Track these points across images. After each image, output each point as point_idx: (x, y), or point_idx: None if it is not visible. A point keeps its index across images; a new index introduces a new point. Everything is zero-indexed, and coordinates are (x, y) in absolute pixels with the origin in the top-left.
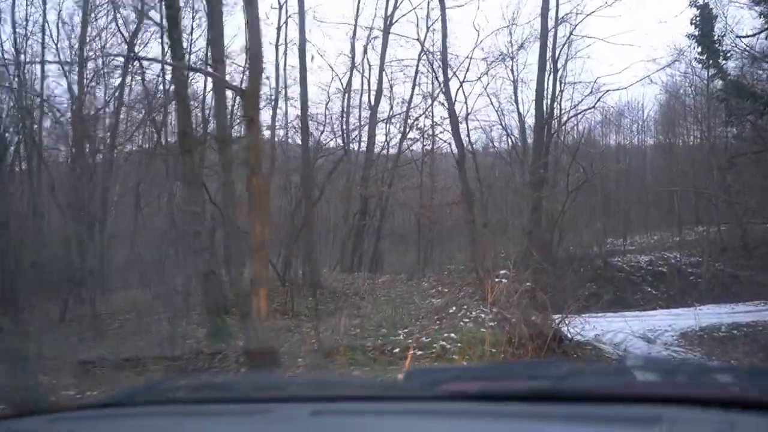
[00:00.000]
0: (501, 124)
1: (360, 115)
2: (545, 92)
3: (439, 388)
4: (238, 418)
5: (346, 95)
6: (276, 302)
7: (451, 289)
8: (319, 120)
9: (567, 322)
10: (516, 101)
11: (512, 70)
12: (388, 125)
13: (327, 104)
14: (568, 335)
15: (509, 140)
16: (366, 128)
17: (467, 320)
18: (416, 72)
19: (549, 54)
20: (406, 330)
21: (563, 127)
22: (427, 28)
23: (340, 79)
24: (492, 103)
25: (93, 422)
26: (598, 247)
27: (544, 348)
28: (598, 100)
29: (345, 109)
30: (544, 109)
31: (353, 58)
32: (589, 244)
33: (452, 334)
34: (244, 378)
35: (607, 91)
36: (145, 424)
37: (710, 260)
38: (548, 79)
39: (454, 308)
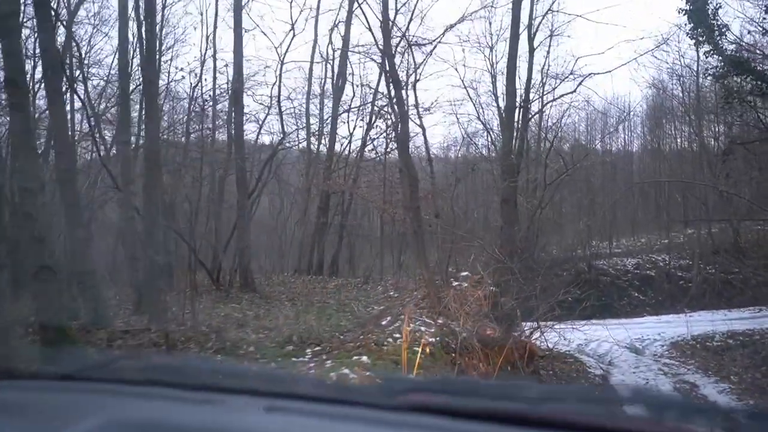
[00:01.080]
0: (479, 118)
1: (322, 105)
2: (518, 71)
3: (399, 397)
4: (189, 406)
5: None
6: (189, 310)
7: (402, 294)
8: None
9: (541, 332)
10: (495, 94)
11: (491, 62)
12: (349, 116)
13: (273, 86)
14: (544, 347)
15: (489, 136)
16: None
17: (399, 336)
18: (383, 58)
19: (525, 31)
20: (318, 348)
21: (543, 114)
22: (396, 10)
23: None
24: (469, 96)
25: (40, 393)
26: (582, 249)
27: (506, 367)
28: (580, 83)
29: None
30: (520, 93)
31: (315, 41)
32: (573, 246)
33: (363, 357)
34: (200, 363)
35: (590, 74)
36: (92, 400)
37: (701, 263)
38: (528, 65)
39: (388, 319)
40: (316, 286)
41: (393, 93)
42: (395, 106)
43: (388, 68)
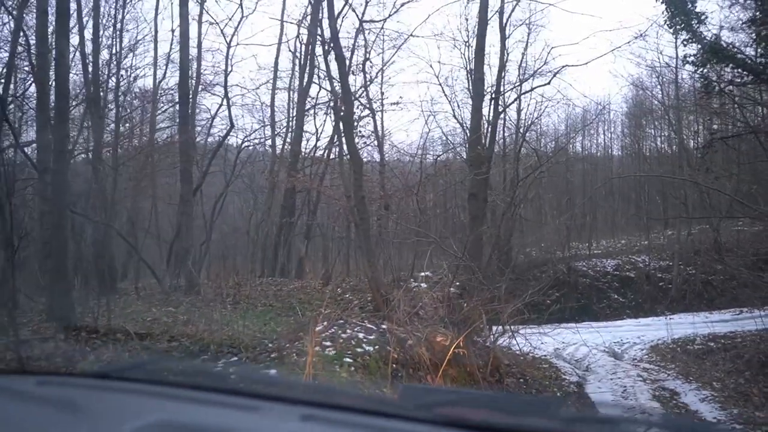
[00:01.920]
0: (454, 116)
1: (289, 99)
2: (488, 58)
3: (436, 410)
4: (227, 410)
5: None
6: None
7: (355, 297)
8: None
9: (513, 336)
10: (471, 91)
11: (467, 58)
12: (315, 111)
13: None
14: (518, 353)
15: (465, 134)
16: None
17: (329, 344)
18: (352, 49)
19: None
20: (234, 358)
21: (520, 112)
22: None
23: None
24: (445, 93)
25: (80, 390)
26: (561, 250)
27: (464, 378)
28: (554, 75)
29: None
30: (491, 82)
31: (282, 31)
32: (552, 247)
33: (272, 371)
34: (237, 371)
35: (565, 65)
36: (133, 401)
37: (681, 264)
38: (500, 54)
39: (323, 324)
40: (272, 288)
41: (338, 71)
42: (337, 83)
43: (330, 40)
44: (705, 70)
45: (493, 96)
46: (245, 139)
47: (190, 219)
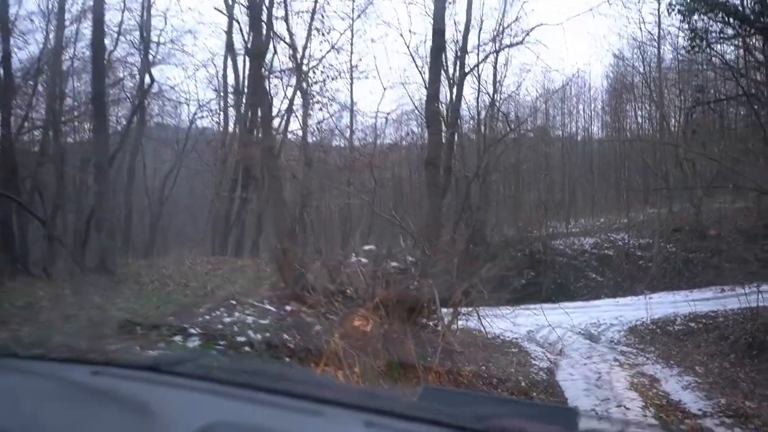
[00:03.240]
0: (425, 86)
1: (243, 64)
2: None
3: (490, 422)
4: (289, 413)
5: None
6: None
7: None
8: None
9: (474, 320)
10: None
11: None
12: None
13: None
14: (483, 336)
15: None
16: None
17: (197, 332)
18: (313, 11)
19: None
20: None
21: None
22: None
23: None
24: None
25: (135, 383)
26: (538, 229)
27: (396, 371)
28: (527, 33)
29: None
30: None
31: None
32: (529, 226)
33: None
34: (299, 373)
35: (540, 24)
36: (187, 397)
37: (661, 242)
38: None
39: (206, 307)
40: (208, 268)
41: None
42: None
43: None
44: (692, 21)
45: (459, 55)
46: (200, 107)
47: (106, 189)
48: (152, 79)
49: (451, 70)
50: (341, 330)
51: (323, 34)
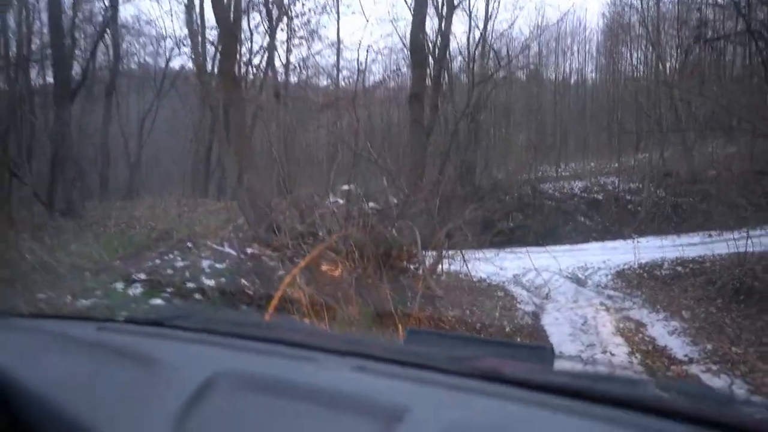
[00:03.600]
0: None
1: None
2: None
3: (469, 363)
4: (284, 361)
5: None
6: None
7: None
8: None
9: (466, 262)
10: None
11: None
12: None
13: None
14: (469, 279)
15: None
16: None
17: (142, 277)
18: None
19: None
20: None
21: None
22: None
23: None
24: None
25: (139, 338)
26: (528, 172)
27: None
28: None
29: None
30: None
31: None
32: (519, 169)
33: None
34: (292, 324)
35: None
36: (191, 350)
37: (651, 186)
38: None
39: (159, 251)
40: (179, 210)
41: None
42: None
43: None
44: None
45: None
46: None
47: (67, 127)
48: (115, 7)
49: (439, 2)
50: (308, 275)
51: None
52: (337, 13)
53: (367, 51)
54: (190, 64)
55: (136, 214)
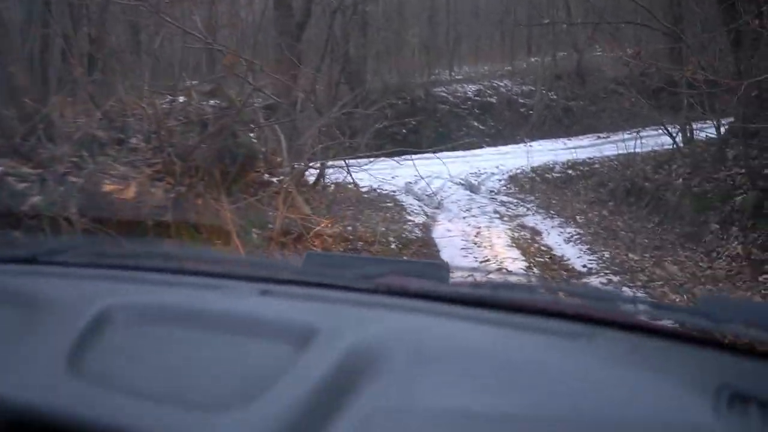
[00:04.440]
0: None
1: None
2: None
3: (376, 280)
4: (188, 290)
5: None
6: None
7: None
8: None
9: (341, 174)
10: None
11: None
12: None
13: None
14: (357, 189)
15: None
16: None
17: None
18: None
19: None
20: None
21: None
22: None
23: None
24: None
25: (8, 278)
26: (420, 75)
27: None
28: None
29: None
30: None
31: None
32: (411, 72)
33: None
34: (196, 251)
35: None
36: (77, 287)
37: (543, 89)
38: None
39: None
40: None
41: None
42: None
43: None
44: None
45: None
46: None
47: None
48: None
49: None
50: (84, 197)
51: None
52: None
53: None
54: None
55: None
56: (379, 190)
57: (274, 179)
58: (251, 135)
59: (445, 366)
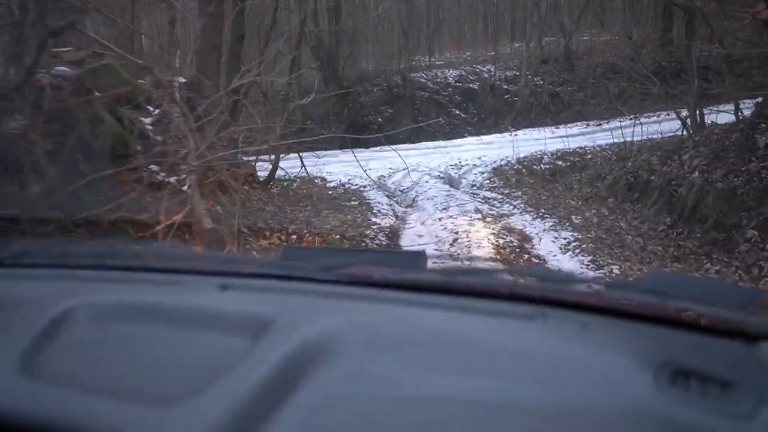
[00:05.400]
0: None
1: None
2: None
3: (338, 271)
4: (146, 286)
5: None
6: None
7: None
8: None
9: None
10: None
11: None
12: None
13: None
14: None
15: None
16: None
17: None
18: None
19: None
20: None
21: None
22: None
23: None
24: None
25: None
26: (398, 61)
27: None
28: None
29: None
30: None
31: None
32: (388, 57)
33: None
34: (150, 248)
35: None
36: (38, 289)
37: (528, 74)
38: None
39: None
40: None
41: None
42: None
43: None
44: None
45: None
46: None
47: None
48: None
49: None
50: None
51: None
52: None
53: None
54: None
55: None
56: (347, 185)
57: (172, 179)
58: (145, 121)
59: (400, 352)
